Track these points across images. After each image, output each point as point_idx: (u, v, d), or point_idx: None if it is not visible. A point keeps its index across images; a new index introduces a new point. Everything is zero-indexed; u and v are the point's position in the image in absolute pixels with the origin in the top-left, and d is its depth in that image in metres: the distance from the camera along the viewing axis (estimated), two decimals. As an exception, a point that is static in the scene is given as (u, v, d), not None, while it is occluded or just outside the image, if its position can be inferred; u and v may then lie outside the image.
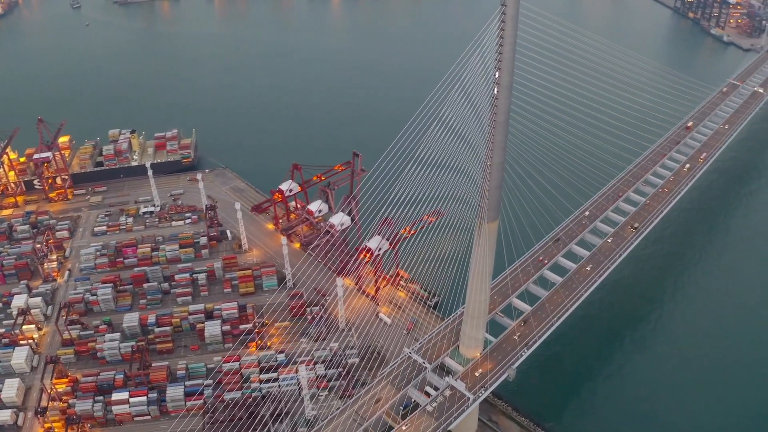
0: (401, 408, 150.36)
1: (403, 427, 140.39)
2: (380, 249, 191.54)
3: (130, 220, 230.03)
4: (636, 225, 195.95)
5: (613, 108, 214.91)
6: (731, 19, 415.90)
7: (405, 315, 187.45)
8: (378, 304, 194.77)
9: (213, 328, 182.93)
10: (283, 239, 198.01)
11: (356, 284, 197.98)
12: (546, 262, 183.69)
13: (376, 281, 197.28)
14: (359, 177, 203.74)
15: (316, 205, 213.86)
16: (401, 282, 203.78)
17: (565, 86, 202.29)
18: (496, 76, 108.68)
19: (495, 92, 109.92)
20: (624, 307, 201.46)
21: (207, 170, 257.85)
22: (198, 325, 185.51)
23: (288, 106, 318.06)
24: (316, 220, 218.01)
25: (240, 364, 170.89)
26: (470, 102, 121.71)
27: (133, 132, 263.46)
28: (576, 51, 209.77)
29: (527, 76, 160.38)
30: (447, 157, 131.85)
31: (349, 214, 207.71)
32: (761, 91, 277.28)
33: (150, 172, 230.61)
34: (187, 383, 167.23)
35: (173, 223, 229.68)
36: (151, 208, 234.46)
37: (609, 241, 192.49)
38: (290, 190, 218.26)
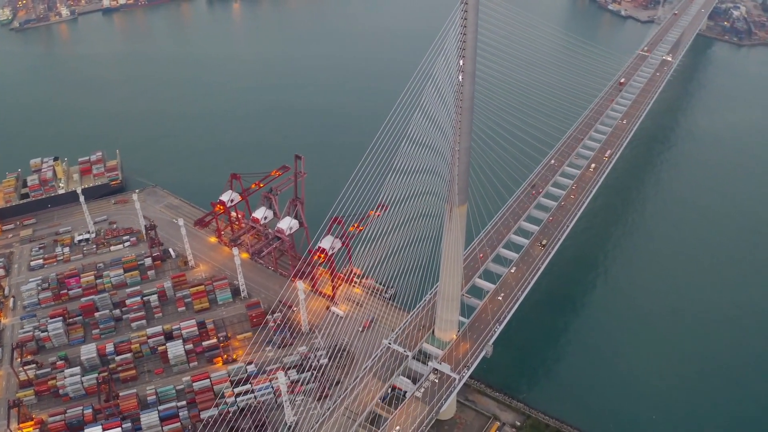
0: (380, 401, 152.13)
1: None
2: (334, 248, 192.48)
3: (67, 249, 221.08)
4: (544, 242, 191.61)
5: (544, 83, 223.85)
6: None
7: (363, 311, 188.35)
8: (337, 303, 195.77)
9: (176, 349, 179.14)
10: (235, 250, 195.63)
11: (313, 287, 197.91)
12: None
13: (332, 280, 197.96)
14: (303, 179, 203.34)
15: (261, 212, 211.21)
16: (355, 279, 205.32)
17: (493, 66, 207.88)
18: (460, 63, 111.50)
19: (460, 79, 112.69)
20: (570, 276, 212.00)
21: (137, 190, 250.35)
22: (159, 348, 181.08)
23: (211, 116, 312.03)
24: (263, 227, 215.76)
25: (211, 381, 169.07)
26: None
27: (56, 159, 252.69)
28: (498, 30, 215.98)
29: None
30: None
31: (296, 217, 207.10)
32: (669, 58, 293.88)
33: (82, 198, 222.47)
34: (160, 408, 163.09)
35: (112, 247, 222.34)
36: (87, 235, 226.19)
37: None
38: (231, 201, 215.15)
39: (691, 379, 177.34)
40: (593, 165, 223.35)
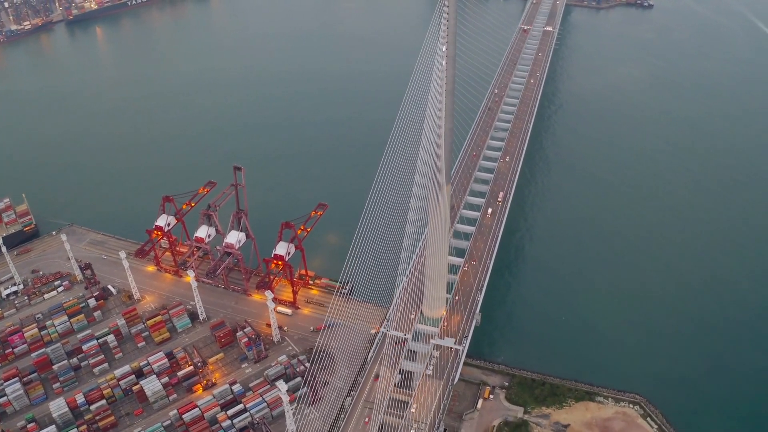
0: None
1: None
2: (289, 253, 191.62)
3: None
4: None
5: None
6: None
7: (327, 310, 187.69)
8: (298, 308, 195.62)
9: (152, 385, 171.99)
10: (190, 272, 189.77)
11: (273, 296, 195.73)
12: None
13: (292, 286, 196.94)
14: (245, 190, 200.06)
15: (203, 231, 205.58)
16: (310, 281, 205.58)
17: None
18: (444, 49, 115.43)
19: (443, 64, 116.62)
20: (515, 241, 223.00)
21: (53, 232, 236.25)
22: (134, 388, 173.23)
23: (106, 145, 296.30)
24: (206, 245, 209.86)
25: (200, 409, 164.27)
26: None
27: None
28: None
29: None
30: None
31: (241, 230, 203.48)
32: (550, 29, 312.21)
33: (4, 249, 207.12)
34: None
35: (45, 296, 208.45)
36: (15, 288, 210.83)
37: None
38: (168, 224, 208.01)
39: (631, 312, 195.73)
40: (515, 131, 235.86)
